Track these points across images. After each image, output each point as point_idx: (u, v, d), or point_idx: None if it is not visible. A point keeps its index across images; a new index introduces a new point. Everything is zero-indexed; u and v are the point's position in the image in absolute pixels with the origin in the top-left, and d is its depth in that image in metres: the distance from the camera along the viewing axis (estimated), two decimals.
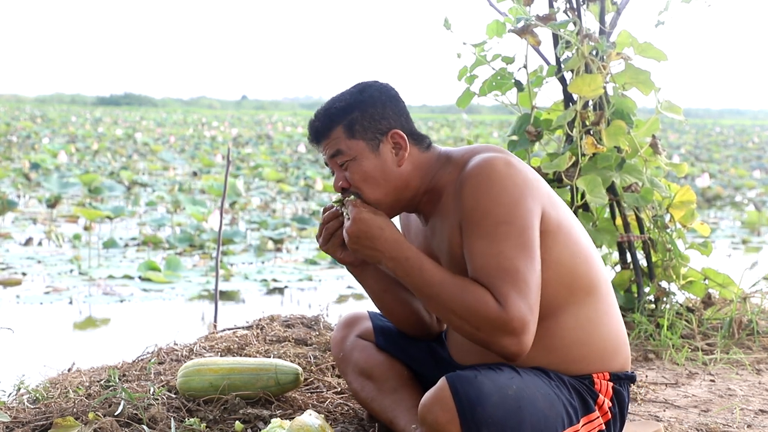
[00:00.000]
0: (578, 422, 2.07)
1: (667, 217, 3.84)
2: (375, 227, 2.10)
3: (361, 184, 2.16)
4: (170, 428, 2.41)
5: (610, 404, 2.16)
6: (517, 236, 1.99)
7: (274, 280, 7.04)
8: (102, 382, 2.79)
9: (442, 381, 1.94)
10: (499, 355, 1.99)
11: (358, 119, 2.15)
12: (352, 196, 2.16)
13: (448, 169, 2.17)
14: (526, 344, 1.96)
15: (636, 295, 3.84)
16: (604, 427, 2.13)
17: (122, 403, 2.50)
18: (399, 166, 2.17)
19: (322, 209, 2.27)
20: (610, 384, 2.16)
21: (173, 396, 2.63)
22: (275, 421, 2.22)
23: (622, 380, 2.19)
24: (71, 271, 7.19)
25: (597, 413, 2.12)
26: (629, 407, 2.86)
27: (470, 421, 1.90)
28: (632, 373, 2.22)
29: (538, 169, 3.70)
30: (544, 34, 3.70)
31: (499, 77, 3.79)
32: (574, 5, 3.74)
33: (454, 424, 1.91)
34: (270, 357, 3.03)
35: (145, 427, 2.40)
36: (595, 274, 2.14)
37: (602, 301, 2.15)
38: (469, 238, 2.03)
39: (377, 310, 2.50)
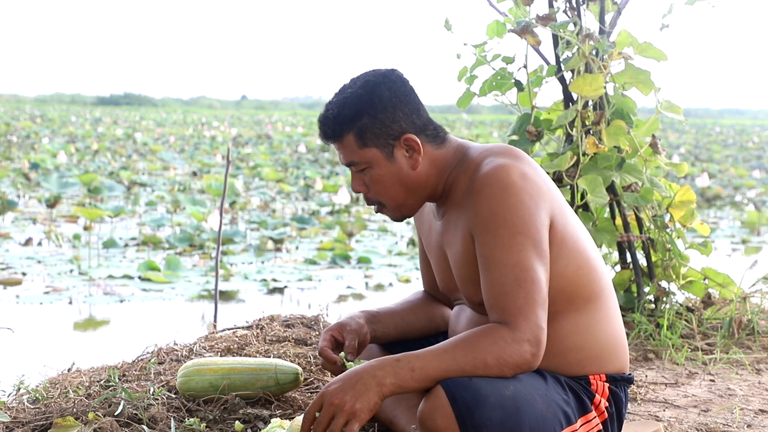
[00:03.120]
0: (576, 422, 2.07)
1: (667, 217, 3.84)
2: (355, 386, 1.95)
3: (379, 191, 2.16)
4: (170, 428, 2.41)
5: (607, 404, 2.15)
6: (533, 247, 2.00)
7: (274, 280, 7.04)
8: (102, 382, 2.79)
9: (437, 387, 1.93)
10: (512, 368, 1.97)
11: (368, 126, 2.11)
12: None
13: (464, 165, 2.16)
14: (540, 356, 1.97)
15: (636, 295, 3.84)
16: (601, 427, 2.13)
17: (122, 403, 2.50)
18: (414, 169, 2.15)
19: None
20: (607, 385, 2.16)
21: (173, 396, 2.63)
22: (275, 421, 2.21)
23: (619, 382, 2.19)
24: (71, 271, 7.19)
25: (594, 413, 2.12)
26: (629, 407, 2.86)
27: (469, 425, 1.90)
28: (629, 375, 2.22)
29: None
30: (544, 34, 3.71)
31: (499, 77, 3.79)
32: (574, 5, 3.74)
33: (454, 429, 1.91)
34: (270, 357, 3.03)
35: (145, 427, 2.40)
36: (597, 283, 2.14)
37: (602, 308, 2.15)
38: (486, 248, 2.02)
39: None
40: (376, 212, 2.24)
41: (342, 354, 2.29)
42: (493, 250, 2.00)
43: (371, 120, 2.11)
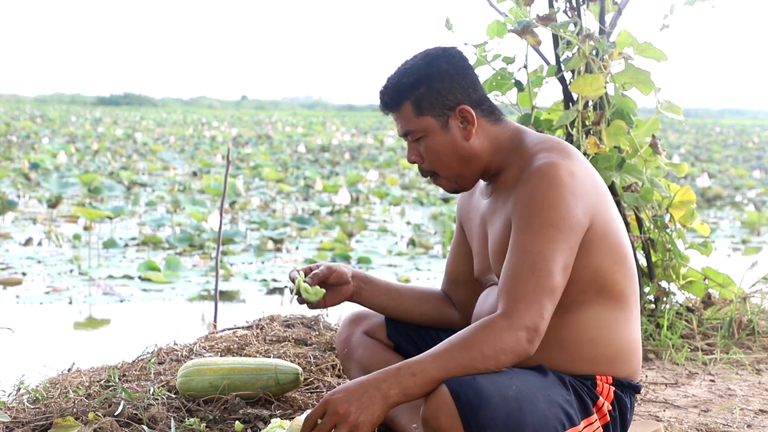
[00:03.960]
0: (579, 423, 2.07)
1: (667, 217, 3.84)
2: (350, 398, 1.95)
3: (434, 160, 2.21)
4: (170, 428, 2.41)
5: (610, 407, 2.15)
6: (561, 241, 2.03)
7: (274, 280, 7.04)
8: (102, 382, 2.79)
9: (441, 387, 1.94)
10: (509, 355, 1.98)
11: (425, 95, 2.17)
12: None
13: (519, 152, 2.20)
14: (536, 344, 1.99)
15: None
16: (602, 430, 2.13)
17: (122, 403, 2.50)
18: (467, 140, 2.20)
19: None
20: (612, 388, 2.16)
21: (173, 396, 2.63)
22: (275, 421, 2.21)
23: (626, 388, 2.19)
24: (71, 271, 7.19)
25: (595, 416, 2.12)
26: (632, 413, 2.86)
27: (473, 425, 1.90)
28: (637, 383, 2.22)
29: None
30: (545, 34, 3.70)
31: (499, 77, 3.79)
32: (574, 5, 3.73)
33: (458, 429, 1.91)
34: (270, 357, 3.03)
35: (145, 427, 2.40)
36: (628, 285, 2.17)
37: (626, 310, 2.17)
38: (516, 232, 2.07)
39: None
40: (431, 183, 2.30)
41: (302, 275, 2.37)
42: (522, 236, 2.05)
43: (428, 89, 2.17)
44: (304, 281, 2.37)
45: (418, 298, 2.52)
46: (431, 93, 2.17)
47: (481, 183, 2.35)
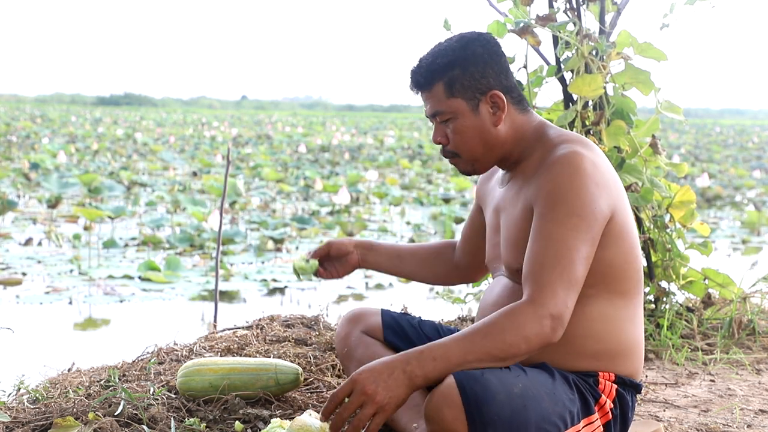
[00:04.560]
0: (579, 423, 2.07)
1: (667, 217, 3.84)
2: (378, 379, 1.97)
3: (459, 142, 2.22)
4: (170, 428, 2.41)
5: (612, 405, 2.15)
6: (584, 231, 2.04)
7: (274, 280, 7.04)
8: (102, 382, 2.79)
9: (449, 378, 1.94)
10: (534, 343, 1.98)
11: (458, 77, 2.17)
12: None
13: (542, 142, 2.21)
14: (559, 333, 1.99)
15: None
16: (602, 429, 2.13)
17: (122, 403, 2.50)
18: (496, 126, 2.20)
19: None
20: (614, 386, 2.16)
21: (173, 396, 2.63)
22: (275, 421, 2.21)
23: (627, 386, 2.19)
24: (71, 271, 7.19)
25: (596, 415, 2.12)
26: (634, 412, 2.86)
27: (477, 420, 1.90)
28: (639, 382, 2.23)
29: None
30: (544, 34, 3.70)
31: None
32: (574, 5, 3.73)
33: (461, 421, 1.91)
34: (270, 357, 3.03)
35: (145, 427, 2.40)
36: (635, 284, 2.19)
37: (630, 307, 2.18)
38: (540, 219, 2.07)
39: (388, 308, 2.61)
40: (450, 163, 2.31)
41: (304, 255, 2.55)
42: (546, 223, 2.05)
43: (462, 72, 2.17)
44: (307, 260, 2.52)
45: (418, 263, 2.62)
46: (464, 75, 2.17)
47: (500, 172, 2.36)
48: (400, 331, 2.52)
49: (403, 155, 22.37)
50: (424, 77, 2.21)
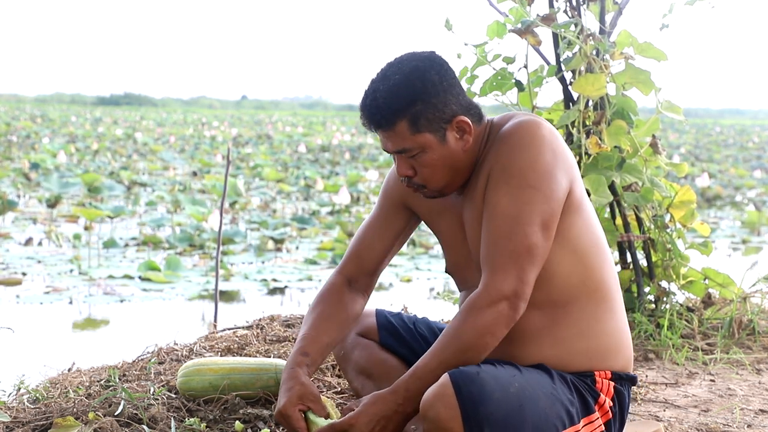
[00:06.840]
0: (579, 422, 2.07)
1: (667, 217, 3.84)
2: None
3: (428, 175, 2.11)
4: (170, 428, 2.41)
5: (611, 404, 2.15)
6: (540, 203, 1.99)
7: (274, 280, 7.04)
8: (102, 382, 2.79)
9: (444, 377, 1.94)
10: (494, 331, 1.99)
11: (422, 112, 2.06)
12: None
13: (491, 136, 2.15)
14: (520, 309, 1.99)
15: (636, 295, 3.84)
16: (603, 428, 2.13)
17: (122, 403, 2.50)
18: (465, 150, 2.12)
19: None
20: (612, 384, 2.16)
21: (173, 396, 2.63)
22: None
23: (624, 380, 2.19)
24: (71, 271, 7.19)
25: (597, 414, 2.12)
26: (629, 407, 2.86)
27: (472, 419, 1.90)
28: (633, 374, 2.22)
29: None
30: (545, 33, 3.70)
31: (499, 77, 3.79)
32: (575, 5, 3.73)
33: (456, 421, 1.91)
34: (270, 357, 3.03)
35: (145, 427, 2.40)
36: (607, 271, 2.15)
37: (610, 300, 2.16)
38: (494, 193, 2.03)
39: (384, 308, 2.59)
40: (414, 192, 2.18)
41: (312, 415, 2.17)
42: (499, 199, 2.01)
43: (424, 106, 2.06)
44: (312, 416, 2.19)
45: (327, 332, 2.30)
46: (427, 109, 2.06)
47: None
48: (395, 332, 2.51)
49: None
50: (384, 117, 2.06)
